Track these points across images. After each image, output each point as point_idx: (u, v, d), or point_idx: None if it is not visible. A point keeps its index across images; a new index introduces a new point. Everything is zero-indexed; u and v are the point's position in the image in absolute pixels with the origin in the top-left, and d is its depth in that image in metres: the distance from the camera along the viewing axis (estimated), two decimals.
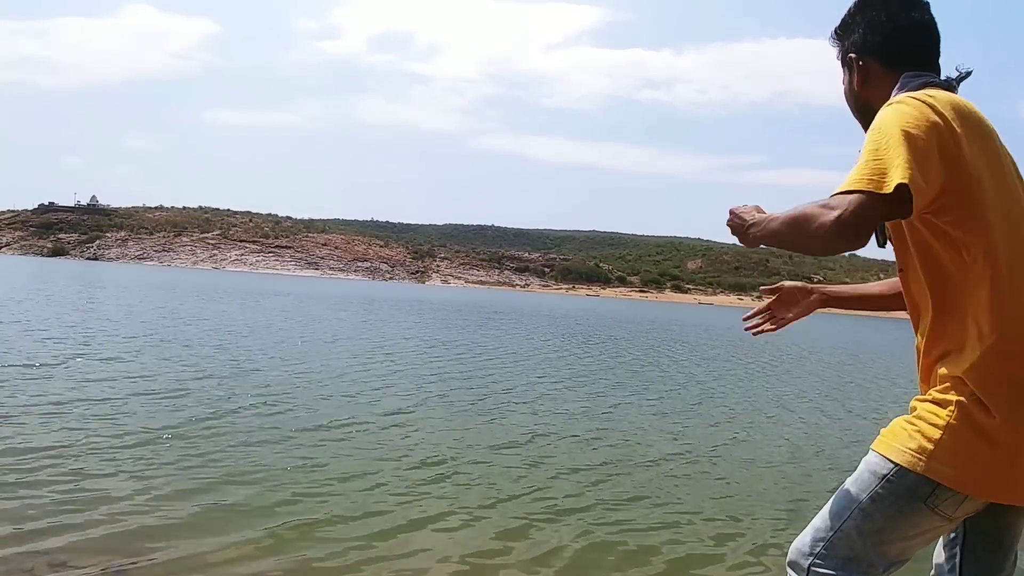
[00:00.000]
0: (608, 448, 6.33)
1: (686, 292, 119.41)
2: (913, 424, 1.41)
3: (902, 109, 1.40)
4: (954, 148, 1.36)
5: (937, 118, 1.37)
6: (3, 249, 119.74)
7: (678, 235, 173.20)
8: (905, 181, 1.28)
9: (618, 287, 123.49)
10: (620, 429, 7.25)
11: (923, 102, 1.40)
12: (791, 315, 1.98)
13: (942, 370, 1.42)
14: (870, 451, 1.49)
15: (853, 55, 1.63)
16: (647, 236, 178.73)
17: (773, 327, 2.01)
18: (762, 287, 2.04)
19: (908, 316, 1.57)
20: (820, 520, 1.51)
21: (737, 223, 1.60)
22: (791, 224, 1.42)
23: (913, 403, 1.47)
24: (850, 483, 1.49)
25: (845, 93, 1.69)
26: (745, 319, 2.04)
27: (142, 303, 22.06)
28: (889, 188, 1.29)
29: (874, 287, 1.94)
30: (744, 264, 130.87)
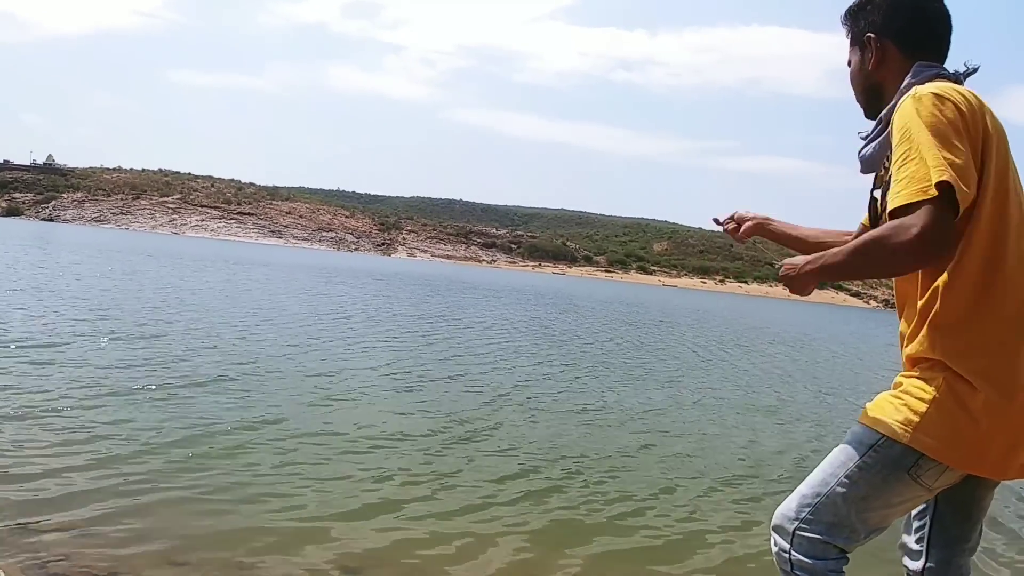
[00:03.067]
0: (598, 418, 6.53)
1: (651, 274, 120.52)
2: (899, 398, 1.49)
3: (933, 106, 1.41)
4: (970, 143, 1.41)
5: (958, 115, 1.41)
6: None
7: (645, 217, 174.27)
8: (946, 180, 1.33)
9: (584, 266, 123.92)
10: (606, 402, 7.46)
11: (945, 97, 1.42)
12: (744, 234, 2.06)
13: (928, 353, 1.48)
14: (856, 423, 1.57)
15: (872, 35, 1.62)
16: (615, 217, 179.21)
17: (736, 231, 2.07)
18: (714, 218, 2.13)
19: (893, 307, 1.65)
20: (806, 487, 1.57)
21: (788, 271, 1.60)
22: (861, 253, 1.42)
23: (898, 379, 1.54)
24: (837, 452, 1.56)
25: (853, 73, 1.69)
26: (717, 221, 2.13)
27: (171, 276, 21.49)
28: (932, 192, 1.33)
29: (809, 232, 1.99)
30: (708, 248, 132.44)
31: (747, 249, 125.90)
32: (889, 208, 1.39)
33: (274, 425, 5.51)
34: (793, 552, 1.54)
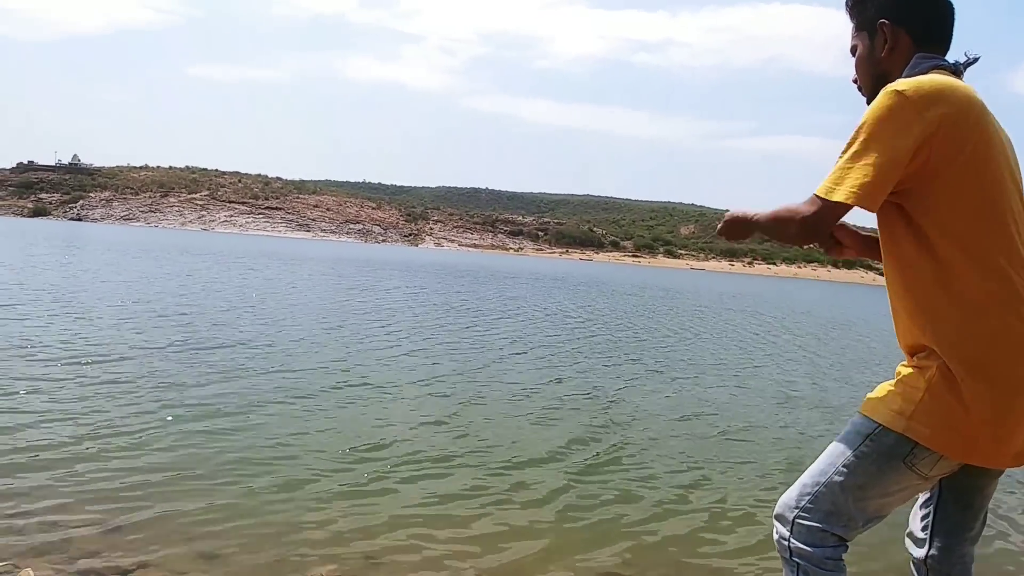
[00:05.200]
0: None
1: (678, 257, 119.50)
2: (896, 387, 1.52)
3: (890, 105, 1.44)
4: (942, 134, 1.42)
5: (921, 113, 1.41)
6: None
7: (672, 200, 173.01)
8: (848, 201, 1.43)
9: (611, 252, 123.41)
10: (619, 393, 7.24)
11: (910, 95, 1.43)
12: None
13: (921, 341, 1.50)
14: (856, 413, 1.58)
15: (885, 21, 1.59)
16: (641, 201, 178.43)
17: None
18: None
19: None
20: (807, 476, 1.60)
21: (738, 213, 1.73)
22: (775, 218, 1.59)
23: (899, 368, 1.55)
24: (837, 442, 1.59)
25: (861, 59, 1.66)
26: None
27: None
28: (833, 198, 1.45)
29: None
30: None
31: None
32: (817, 192, 1.49)
33: (321, 432, 5.35)
34: (792, 540, 1.56)
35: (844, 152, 1.47)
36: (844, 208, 1.45)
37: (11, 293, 11.60)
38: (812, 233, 1.52)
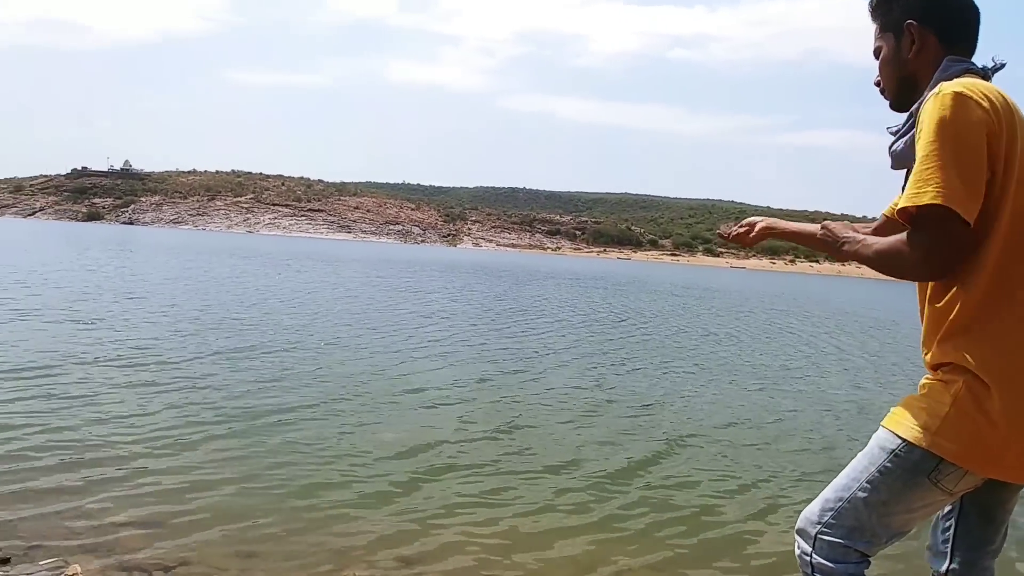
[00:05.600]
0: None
1: (718, 256, 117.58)
2: (921, 402, 1.48)
3: (953, 107, 1.38)
4: (994, 142, 1.38)
5: (984, 114, 1.38)
6: (37, 214, 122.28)
7: (711, 198, 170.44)
8: (948, 205, 1.34)
9: (649, 250, 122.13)
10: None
11: (970, 96, 1.39)
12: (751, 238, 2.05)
13: (947, 356, 1.46)
14: (880, 427, 1.55)
15: (913, 22, 1.56)
16: (679, 199, 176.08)
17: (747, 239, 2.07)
18: (718, 232, 2.17)
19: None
20: (830, 491, 1.58)
21: (830, 237, 1.65)
22: (883, 257, 1.49)
23: (923, 381, 1.52)
24: (860, 457, 1.56)
25: (885, 61, 1.62)
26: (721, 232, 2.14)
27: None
28: (933, 201, 1.35)
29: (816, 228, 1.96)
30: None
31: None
32: (899, 205, 1.42)
33: (364, 427, 5.46)
34: (815, 555, 1.54)
35: (921, 167, 1.38)
36: (957, 219, 1.35)
37: (71, 297, 12.13)
38: (944, 259, 1.39)
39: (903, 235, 1.44)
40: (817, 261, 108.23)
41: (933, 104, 1.41)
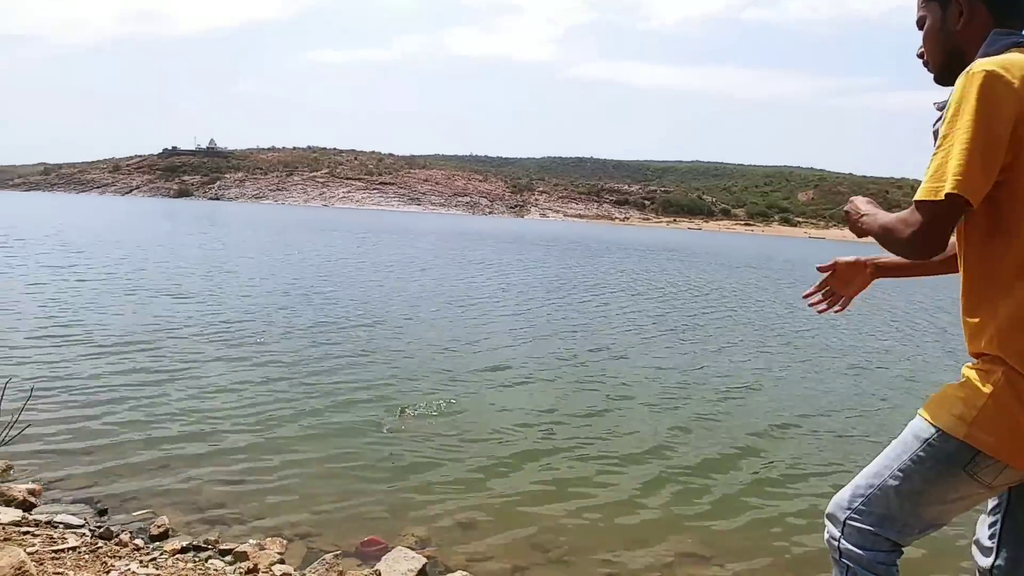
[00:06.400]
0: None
1: (795, 225, 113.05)
2: (959, 391, 1.43)
3: (980, 86, 1.33)
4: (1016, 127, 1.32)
5: (1014, 95, 1.32)
6: (133, 191, 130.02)
7: (789, 164, 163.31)
8: (955, 191, 1.32)
9: (721, 220, 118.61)
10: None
11: (1002, 75, 1.33)
12: (851, 290, 1.95)
13: (986, 347, 1.42)
14: (916, 415, 1.51)
15: None
16: (754, 166, 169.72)
17: (839, 307, 1.97)
18: (817, 266, 1.97)
19: None
20: (862, 477, 1.55)
21: (853, 210, 1.62)
22: (885, 231, 1.47)
23: (963, 370, 1.47)
24: (894, 444, 1.52)
25: (931, 32, 1.54)
26: (805, 296, 2.00)
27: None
28: (940, 196, 1.33)
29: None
30: (861, 195, 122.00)
31: (905, 195, 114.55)
32: (917, 196, 1.39)
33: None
34: (843, 541, 1.52)
35: (939, 146, 1.36)
36: (957, 203, 1.33)
37: (171, 272, 12.99)
38: (929, 240, 1.38)
39: (905, 212, 1.43)
40: None
41: (962, 82, 1.36)
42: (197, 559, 2.73)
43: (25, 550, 2.33)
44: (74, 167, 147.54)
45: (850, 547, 1.51)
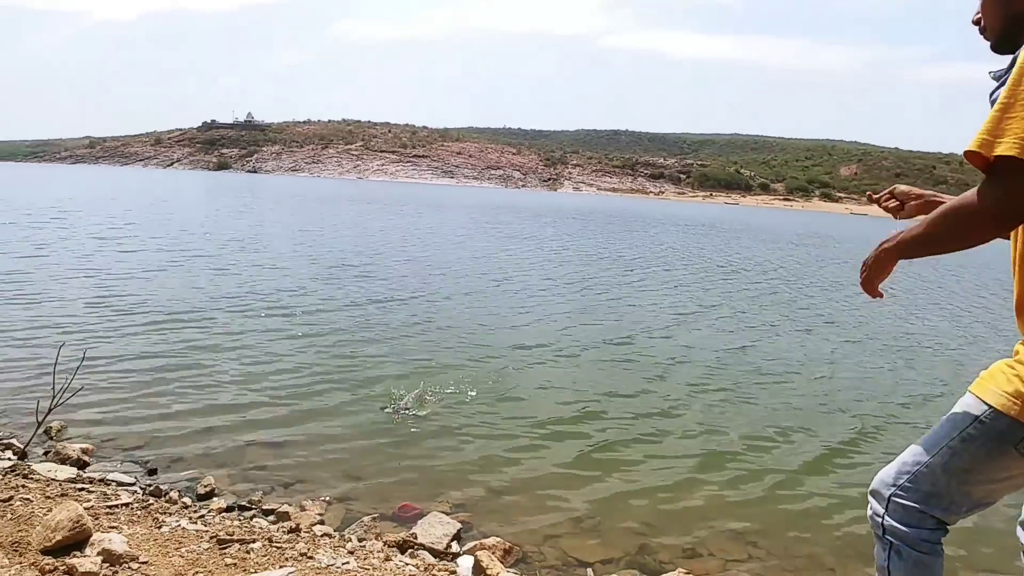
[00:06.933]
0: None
1: (836, 201, 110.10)
2: (1013, 368, 1.41)
3: None
4: None
5: None
6: (175, 164, 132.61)
7: (831, 138, 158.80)
8: (1012, 153, 1.22)
9: (759, 195, 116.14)
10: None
11: None
12: (905, 212, 1.82)
13: None
14: (967, 392, 1.48)
15: None
16: (795, 139, 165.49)
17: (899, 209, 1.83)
18: (868, 193, 1.88)
19: None
20: (909, 454, 1.52)
21: (883, 246, 1.48)
22: (950, 215, 1.35)
23: (1017, 347, 1.44)
24: (943, 421, 1.49)
25: None
26: (873, 196, 1.90)
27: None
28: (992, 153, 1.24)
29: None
30: (906, 170, 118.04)
31: (952, 171, 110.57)
32: (969, 147, 1.30)
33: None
34: (887, 517, 1.51)
35: (1003, 109, 1.27)
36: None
37: (223, 245, 13.30)
38: (1013, 210, 1.26)
39: (970, 192, 1.34)
40: None
41: None
42: (242, 518, 2.84)
43: (81, 505, 2.45)
44: (117, 140, 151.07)
45: (894, 524, 1.49)
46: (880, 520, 1.52)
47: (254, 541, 2.42)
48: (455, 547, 2.82)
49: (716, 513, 3.41)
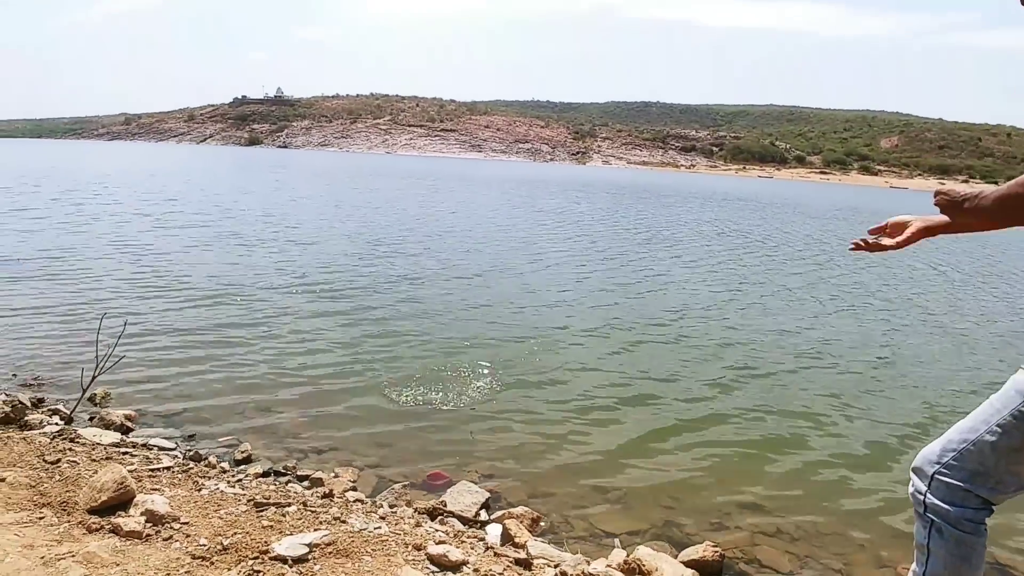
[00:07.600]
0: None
1: (875, 174, 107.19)
2: None
3: None
4: None
5: None
6: (208, 140, 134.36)
7: (871, 109, 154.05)
8: None
9: (795, 168, 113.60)
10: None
11: None
12: (901, 239, 1.67)
13: None
14: (1018, 369, 1.44)
15: None
16: (833, 110, 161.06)
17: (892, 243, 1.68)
18: (869, 228, 1.73)
19: None
20: (954, 432, 1.49)
21: (946, 199, 1.44)
22: (1014, 193, 1.25)
23: None
24: (993, 399, 1.46)
25: None
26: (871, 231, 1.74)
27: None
28: None
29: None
30: (950, 142, 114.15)
31: (1000, 143, 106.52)
32: None
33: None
34: (929, 495, 1.48)
35: None
36: None
37: (260, 221, 13.50)
38: None
39: None
40: (995, 182, 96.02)
41: None
42: (278, 483, 2.93)
43: (125, 468, 2.55)
44: (152, 116, 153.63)
45: (937, 502, 1.47)
46: (922, 498, 1.49)
47: (289, 505, 2.49)
48: (483, 515, 2.87)
49: (746, 489, 3.41)
